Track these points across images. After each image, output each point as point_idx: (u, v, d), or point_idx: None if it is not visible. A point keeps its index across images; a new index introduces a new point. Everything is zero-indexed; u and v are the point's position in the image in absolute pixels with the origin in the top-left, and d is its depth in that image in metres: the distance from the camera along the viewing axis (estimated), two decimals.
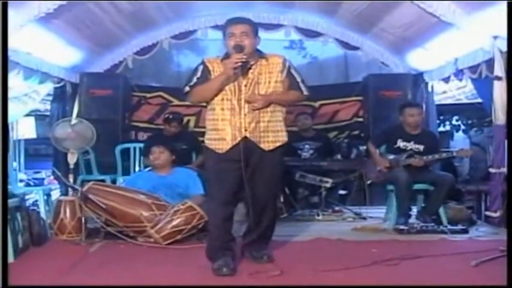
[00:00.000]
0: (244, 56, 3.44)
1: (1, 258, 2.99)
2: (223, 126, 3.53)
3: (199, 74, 3.61)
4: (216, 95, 3.54)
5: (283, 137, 3.65)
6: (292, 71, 3.65)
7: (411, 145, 5.35)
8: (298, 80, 3.66)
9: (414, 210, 5.49)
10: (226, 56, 3.58)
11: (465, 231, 4.89)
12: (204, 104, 3.74)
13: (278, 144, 3.60)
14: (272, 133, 3.57)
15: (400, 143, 5.38)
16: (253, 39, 3.53)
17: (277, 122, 3.62)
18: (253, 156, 3.54)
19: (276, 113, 3.61)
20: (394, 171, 5.26)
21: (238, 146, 3.48)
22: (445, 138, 8.73)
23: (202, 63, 3.65)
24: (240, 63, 3.42)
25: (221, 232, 3.57)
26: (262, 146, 3.55)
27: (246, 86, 3.53)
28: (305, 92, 3.68)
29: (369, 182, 5.68)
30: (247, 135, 3.51)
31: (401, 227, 4.95)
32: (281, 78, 3.60)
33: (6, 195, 3.33)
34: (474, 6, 4.82)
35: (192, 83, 3.61)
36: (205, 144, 3.67)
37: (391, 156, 5.38)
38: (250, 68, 3.55)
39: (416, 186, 5.31)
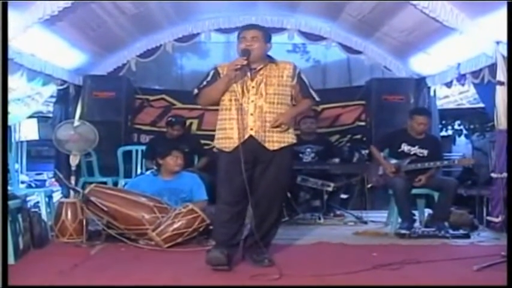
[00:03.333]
0: (245, 60, 3.54)
1: (1, 260, 2.99)
2: (231, 125, 3.61)
3: (209, 78, 3.74)
4: (222, 96, 3.65)
5: (289, 138, 3.69)
6: (302, 77, 3.75)
7: (415, 149, 5.33)
8: (308, 85, 3.77)
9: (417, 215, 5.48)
10: None
11: (467, 236, 4.89)
12: (207, 108, 3.81)
13: (283, 144, 3.64)
14: (277, 133, 3.62)
15: (405, 147, 5.36)
16: (263, 44, 3.66)
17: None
18: (260, 156, 3.60)
19: None
20: (391, 177, 5.25)
21: (244, 145, 3.55)
22: (448, 143, 8.71)
23: (215, 68, 3.78)
24: (239, 66, 3.54)
25: (224, 230, 3.63)
26: (266, 145, 3.60)
27: (253, 87, 3.62)
28: (316, 98, 3.82)
29: (369, 185, 5.67)
30: (253, 134, 3.57)
31: (403, 231, 4.94)
32: (290, 83, 3.69)
33: (6, 196, 3.34)
34: (477, 11, 4.82)
35: (201, 86, 3.73)
36: (215, 145, 3.76)
37: (394, 161, 5.37)
38: (260, 70, 3.64)
39: (418, 191, 5.30)
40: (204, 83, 3.73)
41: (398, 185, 5.14)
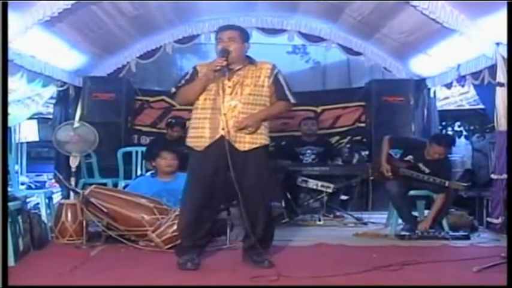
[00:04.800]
0: (225, 60, 3.53)
1: (1, 262, 2.99)
2: (203, 125, 3.61)
3: (187, 76, 3.73)
4: (199, 96, 3.63)
5: (261, 139, 3.66)
6: (280, 78, 3.70)
7: (419, 164, 5.25)
8: (285, 87, 3.71)
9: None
10: None
11: (467, 238, 4.89)
12: None
13: (254, 146, 3.62)
14: (249, 134, 3.60)
15: (410, 158, 5.30)
16: (240, 44, 3.64)
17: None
18: (232, 157, 3.53)
19: None
20: (387, 180, 5.22)
21: (216, 145, 3.55)
22: None
23: (194, 67, 3.77)
24: (219, 67, 3.53)
25: (191, 228, 3.65)
26: (237, 145, 3.58)
27: (230, 87, 3.60)
28: (292, 101, 3.74)
29: (371, 178, 5.65)
30: (224, 134, 3.55)
31: (403, 232, 4.94)
32: (267, 84, 3.66)
33: (6, 198, 3.34)
34: (477, 12, 4.82)
35: (179, 85, 3.72)
36: (186, 143, 3.74)
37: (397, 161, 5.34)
38: (238, 71, 3.63)
39: (418, 193, 5.29)
40: (183, 81, 3.71)
41: (392, 190, 5.13)
